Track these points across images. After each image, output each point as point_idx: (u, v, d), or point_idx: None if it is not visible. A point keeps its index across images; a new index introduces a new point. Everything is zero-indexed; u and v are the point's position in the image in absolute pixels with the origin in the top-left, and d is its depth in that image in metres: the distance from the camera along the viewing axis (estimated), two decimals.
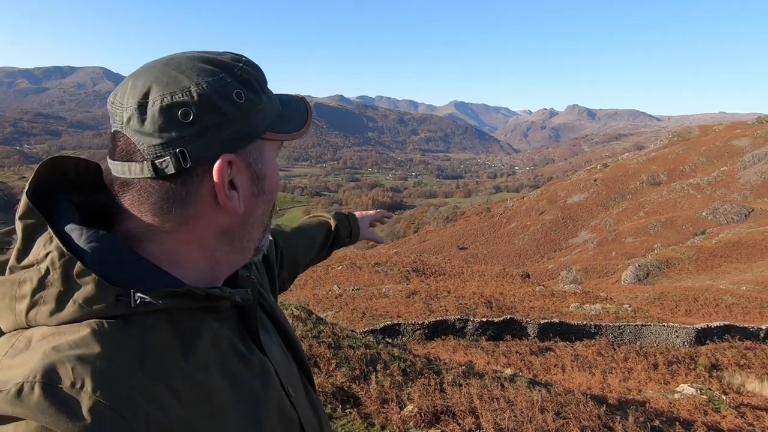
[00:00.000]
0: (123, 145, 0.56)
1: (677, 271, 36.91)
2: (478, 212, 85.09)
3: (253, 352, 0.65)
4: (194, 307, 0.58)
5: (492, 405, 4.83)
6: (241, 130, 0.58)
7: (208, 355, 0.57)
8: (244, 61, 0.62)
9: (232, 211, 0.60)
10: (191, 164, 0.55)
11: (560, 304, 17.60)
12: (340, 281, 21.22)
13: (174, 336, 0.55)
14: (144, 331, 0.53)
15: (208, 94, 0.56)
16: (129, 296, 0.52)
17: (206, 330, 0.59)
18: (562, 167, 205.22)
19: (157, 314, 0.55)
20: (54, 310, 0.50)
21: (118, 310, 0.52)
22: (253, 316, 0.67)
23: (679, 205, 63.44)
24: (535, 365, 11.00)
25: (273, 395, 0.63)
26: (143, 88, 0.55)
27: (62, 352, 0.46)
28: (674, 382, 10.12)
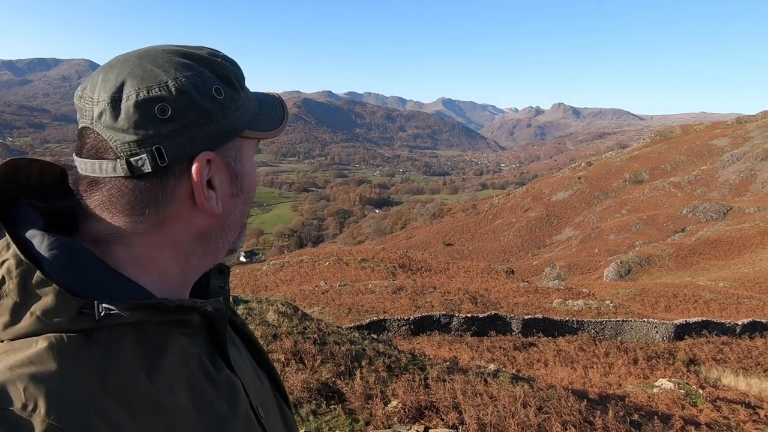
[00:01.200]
0: (93, 141, 0.53)
1: (658, 267, 37.64)
2: (464, 209, 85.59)
3: (221, 371, 0.61)
4: (162, 320, 0.55)
5: (475, 400, 4.88)
6: (220, 128, 0.56)
7: (173, 374, 0.53)
8: (222, 57, 0.60)
9: (209, 212, 0.57)
10: (168, 162, 0.52)
11: (544, 300, 17.82)
12: (327, 277, 21.18)
13: (139, 352, 0.51)
14: (107, 347, 0.49)
15: (187, 90, 0.53)
16: (93, 308, 0.48)
17: (173, 346, 0.55)
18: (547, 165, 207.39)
19: (122, 328, 0.51)
20: (8, 323, 0.47)
21: (81, 324, 0.48)
22: (223, 330, 0.64)
23: (660, 203, 64.64)
24: (518, 360, 11.13)
25: (240, 416, 0.60)
26: (116, 82, 0.52)
27: (15, 371, 0.43)
28: (653, 376, 10.32)
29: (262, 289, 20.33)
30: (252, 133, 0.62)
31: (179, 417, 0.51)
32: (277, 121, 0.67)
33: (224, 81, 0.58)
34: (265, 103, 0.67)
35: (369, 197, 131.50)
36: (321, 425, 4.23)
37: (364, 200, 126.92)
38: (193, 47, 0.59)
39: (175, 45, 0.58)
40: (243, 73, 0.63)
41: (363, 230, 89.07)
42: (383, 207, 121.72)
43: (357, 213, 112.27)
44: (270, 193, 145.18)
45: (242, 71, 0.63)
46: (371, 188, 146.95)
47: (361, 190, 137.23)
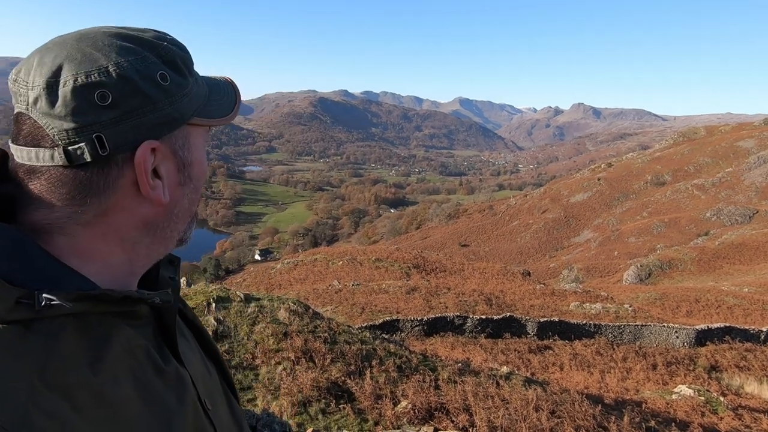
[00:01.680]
0: (29, 128, 0.50)
1: (679, 271, 36.78)
2: (480, 209, 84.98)
3: (169, 362, 0.60)
4: (107, 311, 0.53)
5: (486, 403, 4.82)
6: (165, 115, 0.54)
7: (118, 365, 0.51)
8: (169, 40, 0.57)
9: (155, 201, 0.55)
10: (110, 151, 0.50)
11: (560, 303, 17.56)
12: (341, 276, 21.24)
13: (82, 344, 0.49)
14: (47, 338, 0.46)
15: (129, 75, 0.50)
16: (32, 299, 0.46)
17: (118, 337, 0.53)
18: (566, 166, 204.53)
19: (64, 319, 0.49)
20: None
21: (19, 314, 0.46)
22: (172, 322, 0.62)
23: (682, 206, 63.17)
24: (533, 364, 10.99)
25: (188, 408, 0.59)
26: (53, 66, 0.49)
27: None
28: (673, 382, 10.09)
29: (276, 287, 20.50)
30: (201, 120, 0.60)
31: (124, 408, 0.50)
32: (228, 106, 0.65)
33: (170, 66, 0.55)
34: (215, 88, 0.65)
35: (384, 197, 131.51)
36: (330, 424, 4.22)
37: (380, 200, 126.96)
38: (136, 29, 0.56)
39: (117, 26, 0.55)
40: (191, 57, 0.60)
41: (378, 230, 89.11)
42: (398, 207, 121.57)
43: (372, 212, 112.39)
44: (285, 191, 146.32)
45: (190, 55, 0.60)
46: (386, 188, 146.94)
47: (376, 190, 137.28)
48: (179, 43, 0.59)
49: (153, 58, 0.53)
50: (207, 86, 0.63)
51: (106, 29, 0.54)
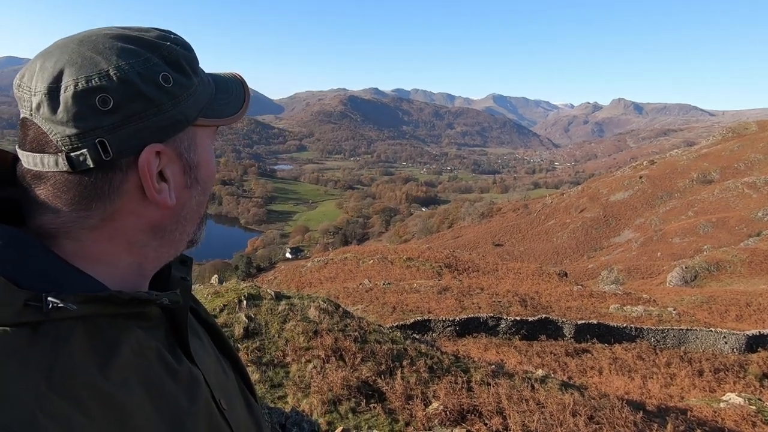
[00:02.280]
0: (34, 134, 0.50)
1: (728, 274, 34.88)
2: (515, 208, 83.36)
3: (182, 362, 0.59)
4: (116, 313, 0.53)
5: (521, 406, 4.69)
6: (169, 118, 0.53)
7: (128, 368, 0.51)
8: (172, 39, 0.56)
9: (162, 205, 0.55)
10: (113, 156, 0.49)
11: (599, 305, 16.99)
12: (371, 275, 21.29)
13: (90, 347, 0.49)
14: (55, 341, 0.46)
15: (130, 78, 0.50)
16: (40, 301, 0.46)
17: (129, 339, 0.53)
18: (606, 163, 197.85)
19: (72, 321, 0.48)
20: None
21: (27, 317, 0.45)
22: (184, 322, 0.61)
23: (732, 205, 59.93)
24: (570, 367, 10.67)
25: (201, 408, 0.58)
26: (54, 71, 0.49)
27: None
28: (720, 390, 9.59)
29: (306, 285, 20.75)
30: (207, 121, 0.58)
31: (134, 411, 0.49)
32: (236, 105, 0.63)
33: (173, 67, 0.54)
34: (223, 86, 0.63)
35: (415, 195, 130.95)
36: (360, 423, 4.21)
37: (411, 198, 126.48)
38: (139, 29, 0.55)
39: (120, 27, 0.54)
40: (196, 56, 0.59)
41: (409, 229, 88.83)
42: (430, 205, 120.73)
43: (403, 211, 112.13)
44: (315, 190, 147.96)
45: (195, 54, 0.58)
46: (418, 186, 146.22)
47: (407, 188, 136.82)
48: (183, 42, 0.58)
49: (155, 60, 0.52)
50: (214, 84, 0.61)
51: (108, 31, 0.53)
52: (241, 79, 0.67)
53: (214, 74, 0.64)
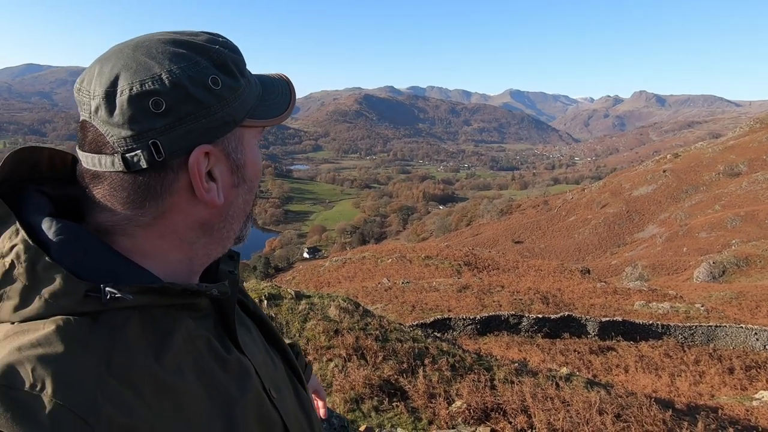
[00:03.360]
0: (92, 135, 0.53)
1: (758, 269, 33.77)
2: (534, 205, 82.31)
3: (231, 352, 0.61)
4: (169, 304, 0.55)
5: (546, 404, 4.63)
6: (218, 119, 0.55)
7: (181, 356, 0.54)
8: (221, 43, 0.58)
9: (210, 204, 0.57)
10: (165, 157, 0.52)
11: (624, 302, 16.66)
12: (390, 274, 21.29)
13: (145, 335, 0.52)
14: (113, 329, 0.50)
15: (181, 82, 0.52)
16: (99, 292, 0.49)
17: (180, 329, 0.56)
18: (628, 158, 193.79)
19: (129, 311, 0.52)
20: (18, 306, 0.48)
21: (87, 307, 0.49)
22: (232, 313, 0.64)
23: (761, 198, 58.00)
24: (594, 365, 10.49)
25: (251, 397, 0.60)
26: (111, 76, 0.51)
27: (23, 352, 0.44)
28: (753, 388, 9.32)
29: (325, 285, 20.85)
30: (254, 122, 0.60)
31: (187, 397, 0.52)
32: (281, 106, 0.64)
33: (221, 69, 0.56)
34: (269, 87, 0.64)
35: (433, 193, 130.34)
36: (383, 422, 4.21)
37: (428, 196, 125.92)
38: (189, 33, 0.57)
39: (172, 32, 0.57)
40: (243, 58, 0.60)
41: (427, 227, 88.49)
42: (447, 203, 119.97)
43: (420, 209, 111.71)
44: (332, 189, 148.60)
45: (242, 56, 0.60)
46: (435, 184, 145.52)
47: (424, 187, 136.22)
48: (231, 45, 0.59)
49: (204, 63, 0.54)
50: (260, 85, 0.63)
51: (160, 36, 0.56)
52: (287, 80, 0.68)
53: (261, 75, 0.65)
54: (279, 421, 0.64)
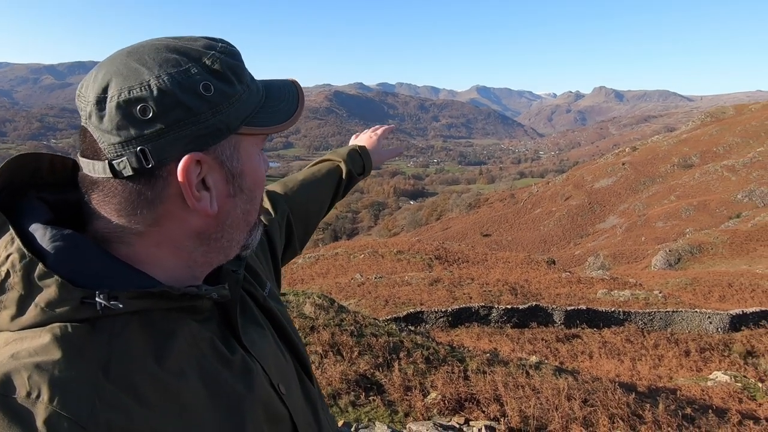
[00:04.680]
0: (89, 141, 0.53)
1: (710, 255, 35.71)
2: (501, 198, 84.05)
3: (236, 352, 0.61)
4: (169, 307, 0.55)
5: (517, 392, 4.78)
6: (209, 126, 0.53)
7: (183, 359, 0.54)
8: (219, 48, 0.56)
9: (203, 212, 0.56)
10: (154, 164, 0.51)
11: (587, 291, 17.28)
12: (363, 269, 21.32)
13: (146, 339, 0.52)
14: (112, 335, 0.49)
15: (169, 88, 0.51)
16: (95, 298, 0.49)
17: (182, 332, 0.55)
18: (589, 151, 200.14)
19: (128, 316, 0.51)
20: (15, 315, 0.48)
21: (85, 313, 0.49)
22: (234, 314, 0.63)
23: (712, 188, 61.21)
24: (561, 352, 10.87)
25: (258, 395, 0.60)
26: (103, 82, 0.51)
27: (20, 360, 0.44)
28: (707, 369, 9.86)
29: (298, 282, 20.69)
30: (251, 129, 0.57)
31: (191, 399, 0.52)
32: (285, 113, 0.62)
33: (215, 75, 0.54)
34: (276, 93, 0.62)
35: (403, 189, 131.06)
36: (360, 416, 4.25)
37: (399, 192, 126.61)
38: (188, 39, 0.56)
39: (170, 38, 0.56)
40: (242, 63, 0.58)
41: (398, 222, 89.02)
42: (418, 198, 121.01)
43: (391, 205, 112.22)
44: None
45: (241, 62, 0.58)
46: (405, 180, 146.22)
47: (395, 182, 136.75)
48: (231, 50, 0.57)
49: (196, 69, 0.53)
50: (264, 91, 0.61)
51: (156, 42, 0.55)
52: (296, 85, 0.66)
53: (268, 81, 0.64)
54: (287, 416, 0.64)
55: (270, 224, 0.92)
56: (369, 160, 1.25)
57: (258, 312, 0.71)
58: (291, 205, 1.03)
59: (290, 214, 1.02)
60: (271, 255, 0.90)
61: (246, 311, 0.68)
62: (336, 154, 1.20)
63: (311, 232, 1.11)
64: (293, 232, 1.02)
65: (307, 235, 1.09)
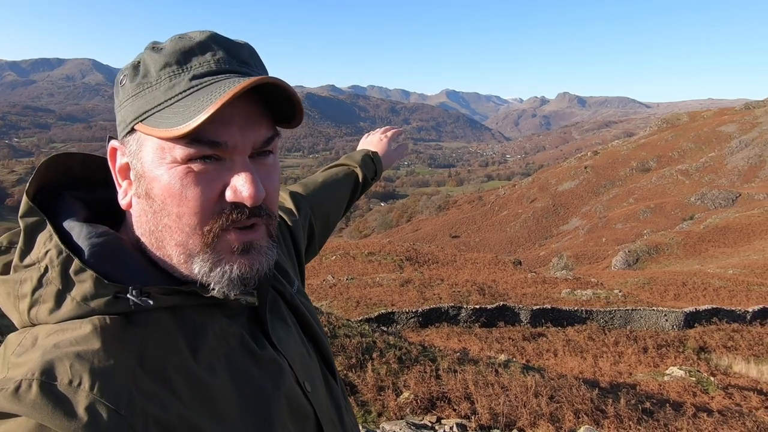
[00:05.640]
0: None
1: (666, 256, 37.42)
2: (470, 201, 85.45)
3: (264, 348, 0.62)
4: (200, 303, 0.56)
5: (487, 390, 4.90)
6: (119, 117, 0.56)
7: (213, 354, 0.55)
8: (161, 43, 0.55)
9: (124, 206, 0.57)
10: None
11: (552, 291, 17.79)
12: (334, 271, 21.25)
13: (178, 334, 0.53)
14: (146, 329, 0.51)
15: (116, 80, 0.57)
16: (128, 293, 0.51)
17: (213, 327, 0.57)
18: (553, 155, 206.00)
19: (162, 311, 0.53)
20: (53, 308, 0.50)
21: (119, 308, 0.50)
22: (263, 313, 0.64)
23: (668, 191, 64.19)
24: (527, 351, 11.15)
25: (285, 393, 0.60)
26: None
27: (62, 349, 0.46)
28: (664, 365, 10.31)
29: None
30: (147, 129, 0.52)
31: (220, 393, 0.53)
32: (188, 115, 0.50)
33: (135, 68, 0.55)
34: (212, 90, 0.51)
35: (374, 190, 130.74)
36: None
37: (369, 194, 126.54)
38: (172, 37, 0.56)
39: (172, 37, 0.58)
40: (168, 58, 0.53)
41: (369, 224, 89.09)
42: (389, 200, 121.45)
43: (362, 206, 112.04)
44: None
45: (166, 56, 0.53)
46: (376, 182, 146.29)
47: None
48: (162, 46, 0.55)
49: (129, 63, 0.56)
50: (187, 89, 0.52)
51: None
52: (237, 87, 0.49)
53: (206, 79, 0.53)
54: (312, 414, 0.65)
55: (294, 225, 0.92)
56: (380, 165, 1.28)
57: (285, 309, 0.72)
58: (312, 206, 1.04)
59: (312, 216, 1.03)
60: (296, 254, 0.91)
61: (274, 308, 0.69)
62: (350, 159, 1.22)
63: (330, 233, 1.12)
64: (314, 233, 1.03)
65: (325, 236, 1.10)
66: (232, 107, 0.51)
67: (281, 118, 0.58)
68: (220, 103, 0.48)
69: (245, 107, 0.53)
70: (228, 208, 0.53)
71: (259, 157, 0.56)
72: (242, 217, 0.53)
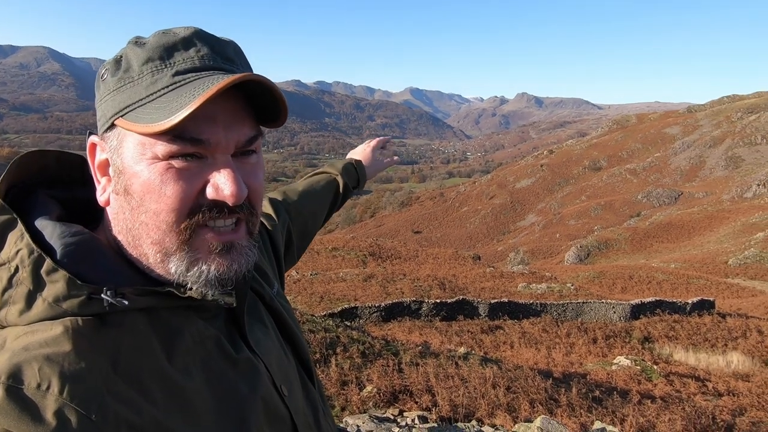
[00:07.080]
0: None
1: (615, 251, 39.36)
2: (432, 197, 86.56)
3: (241, 351, 0.60)
4: (176, 305, 0.55)
5: (447, 383, 5.03)
6: (101, 112, 0.55)
7: (189, 356, 0.53)
8: (144, 38, 0.55)
9: (102, 203, 0.56)
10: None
11: (509, 285, 18.34)
12: (298, 266, 21.00)
13: (153, 336, 0.52)
14: (120, 331, 0.49)
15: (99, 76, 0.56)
16: (101, 294, 0.49)
17: (189, 329, 0.55)
18: (512, 153, 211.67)
19: (137, 313, 0.51)
20: (23, 310, 0.48)
21: (92, 309, 0.49)
22: (241, 315, 0.63)
23: (617, 189, 67.39)
24: (486, 343, 11.46)
25: (261, 396, 0.59)
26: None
27: (31, 351, 0.44)
28: (612, 354, 10.85)
29: None
30: (127, 124, 0.51)
31: (195, 396, 0.52)
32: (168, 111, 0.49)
33: (116, 63, 0.54)
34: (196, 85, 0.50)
35: None
36: None
37: None
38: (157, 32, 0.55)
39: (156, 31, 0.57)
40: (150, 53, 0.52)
41: (333, 219, 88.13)
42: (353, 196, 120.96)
43: None
44: None
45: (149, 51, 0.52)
46: None
47: None
48: (145, 40, 0.54)
49: (112, 58, 0.55)
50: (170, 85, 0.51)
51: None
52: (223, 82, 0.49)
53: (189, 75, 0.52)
54: (288, 417, 0.63)
55: (273, 229, 0.91)
56: (363, 174, 1.28)
57: (264, 311, 0.70)
58: (291, 214, 1.02)
59: (290, 224, 1.01)
60: (276, 258, 0.89)
61: (253, 310, 0.67)
62: (332, 167, 1.22)
63: (308, 242, 1.10)
64: (293, 241, 1.01)
65: (304, 245, 1.08)
66: (215, 104, 0.50)
67: (265, 117, 0.56)
68: (203, 100, 0.47)
69: (229, 105, 0.52)
70: (206, 205, 0.52)
71: (243, 156, 0.55)
72: (220, 216, 0.52)
